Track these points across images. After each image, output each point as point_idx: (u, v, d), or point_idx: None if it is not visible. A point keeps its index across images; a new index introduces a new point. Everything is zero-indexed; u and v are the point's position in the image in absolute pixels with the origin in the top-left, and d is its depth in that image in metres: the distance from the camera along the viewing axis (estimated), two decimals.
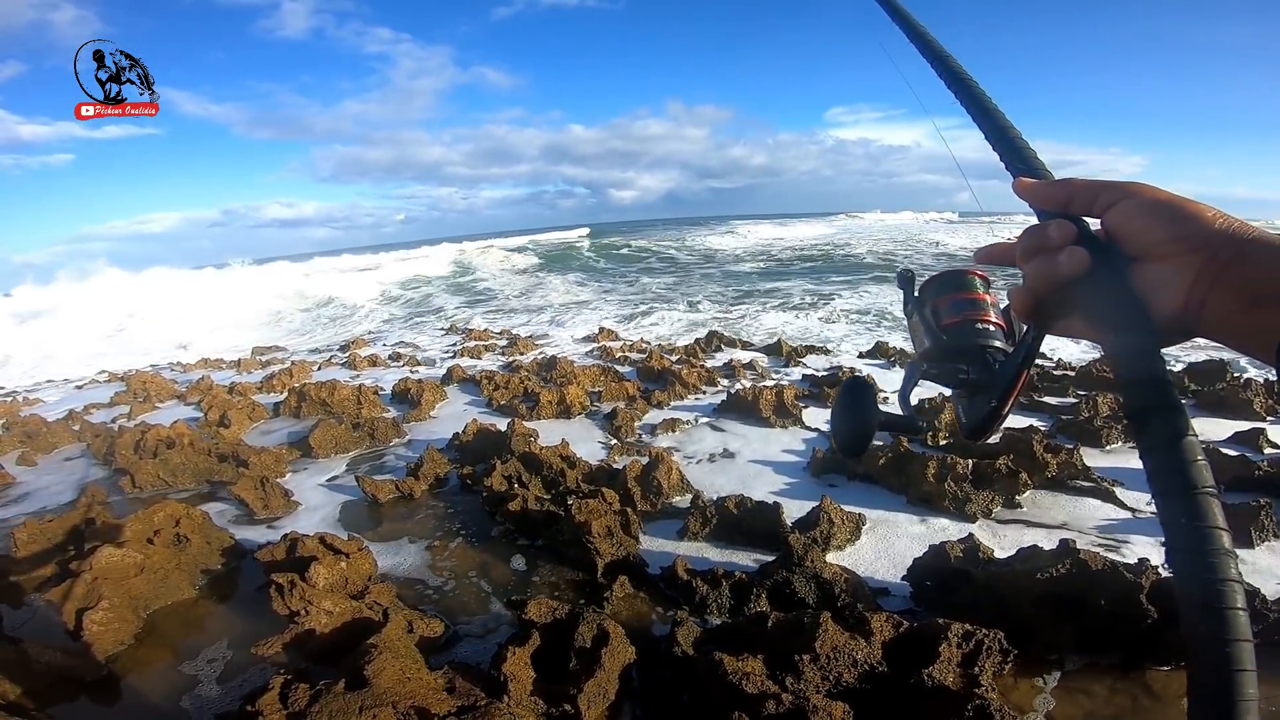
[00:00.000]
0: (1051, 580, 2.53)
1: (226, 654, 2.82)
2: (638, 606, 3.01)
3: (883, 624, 2.35)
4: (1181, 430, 0.57)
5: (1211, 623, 0.50)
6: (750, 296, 16.45)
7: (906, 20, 1.06)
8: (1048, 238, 0.68)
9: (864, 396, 0.81)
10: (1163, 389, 0.59)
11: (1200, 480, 0.54)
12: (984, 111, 0.87)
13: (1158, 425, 0.58)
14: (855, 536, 3.46)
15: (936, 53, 0.98)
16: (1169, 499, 0.55)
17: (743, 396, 5.77)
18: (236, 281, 21.15)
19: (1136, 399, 0.60)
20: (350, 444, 5.42)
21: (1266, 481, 3.75)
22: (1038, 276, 0.69)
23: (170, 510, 3.52)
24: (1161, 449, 0.57)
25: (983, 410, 0.76)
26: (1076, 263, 0.65)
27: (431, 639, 2.77)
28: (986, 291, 0.85)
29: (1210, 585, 0.51)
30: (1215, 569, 0.51)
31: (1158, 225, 0.63)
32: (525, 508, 3.75)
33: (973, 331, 0.82)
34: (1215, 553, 0.51)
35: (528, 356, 9.15)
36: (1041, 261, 0.68)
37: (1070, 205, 0.70)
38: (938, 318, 0.85)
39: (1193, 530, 0.52)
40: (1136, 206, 0.65)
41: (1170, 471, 0.56)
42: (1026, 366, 0.73)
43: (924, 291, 0.89)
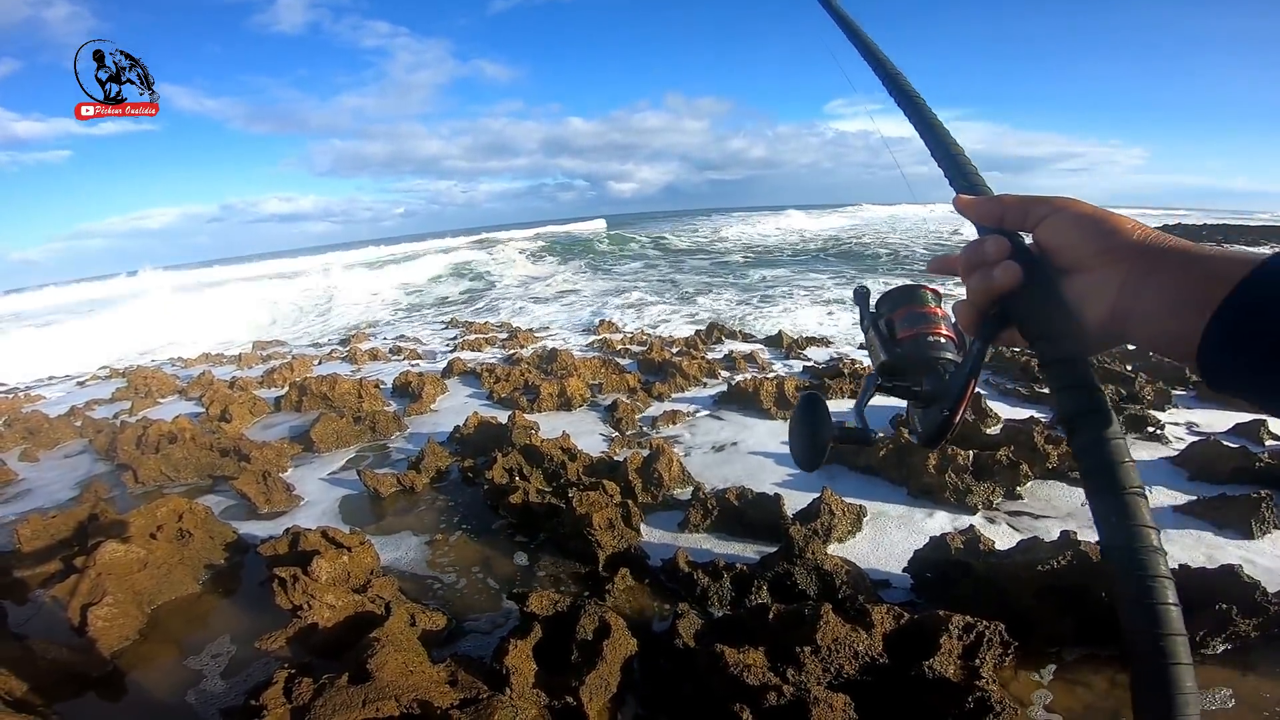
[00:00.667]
0: (1052, 572, 2.53)
1: (230, 648, 2.84)
2: (639, 599, 3.02)
3: (884, 616, 2.35)
4: (1110, 434, 0.59)
5: (1146, 618, 0.52)
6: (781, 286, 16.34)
7: (861, 40, 1.10)
8: (984, 253, 0.72)
9: (817, 412, 0.84)
10: (1092, 395, 0.62)
11: (1128, 481, 0.57)
12: (929, 128, 0.91)
13: (1087, 429, 0.60)
14: (856, 528, 3.47)
15: (887, 71, 1.02)
16: (1100, 498, 0.57)
17: (743, 388, 5.78)
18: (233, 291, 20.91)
19: (1068, 405, 0.63)
20: (352, 438, 5.43)
21: (1266, 473, 3.75)
22: (977, 290, 0.72)
23: (173, 505, 3.53)
24: (1091, 451, 0.59)
25: (936, 419, 0.79)
26: (1010, 276, 0.68)
27: (434, 632, 2.78)
28: (938, 305, 0.89)
29: (1142, 581, 0.53)
30: (1145, 566, 0.53)
31: (1083, 239, 0.66)
32: (526, 500, 3.76)
33: (925, 344, 0.85)
34: (1145, 550, 0.54)
35: (528, 349, 9.15)
36: (980, 276, 0.72)
37: (1004, 221, 0.74)
38: (892, 332, 0.88)
39: (1123, 528, 0.55)
40: (1063, 221, 0.68)
41: (1099, 472, 0.58)
42: (974, 376, 0.75)
43: (879, 306, 0.92)
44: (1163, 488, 3.85)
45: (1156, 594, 0.52)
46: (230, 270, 31.98)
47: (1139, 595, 0.52)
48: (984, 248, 0.72)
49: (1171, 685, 0.50)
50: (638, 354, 8.03)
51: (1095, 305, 0.64)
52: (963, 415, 0.78)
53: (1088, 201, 0.69)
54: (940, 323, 0.86)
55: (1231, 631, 2.38)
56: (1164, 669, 0.50)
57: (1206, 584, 2.49)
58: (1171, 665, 0.50)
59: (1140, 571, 0.53)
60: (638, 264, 24.25)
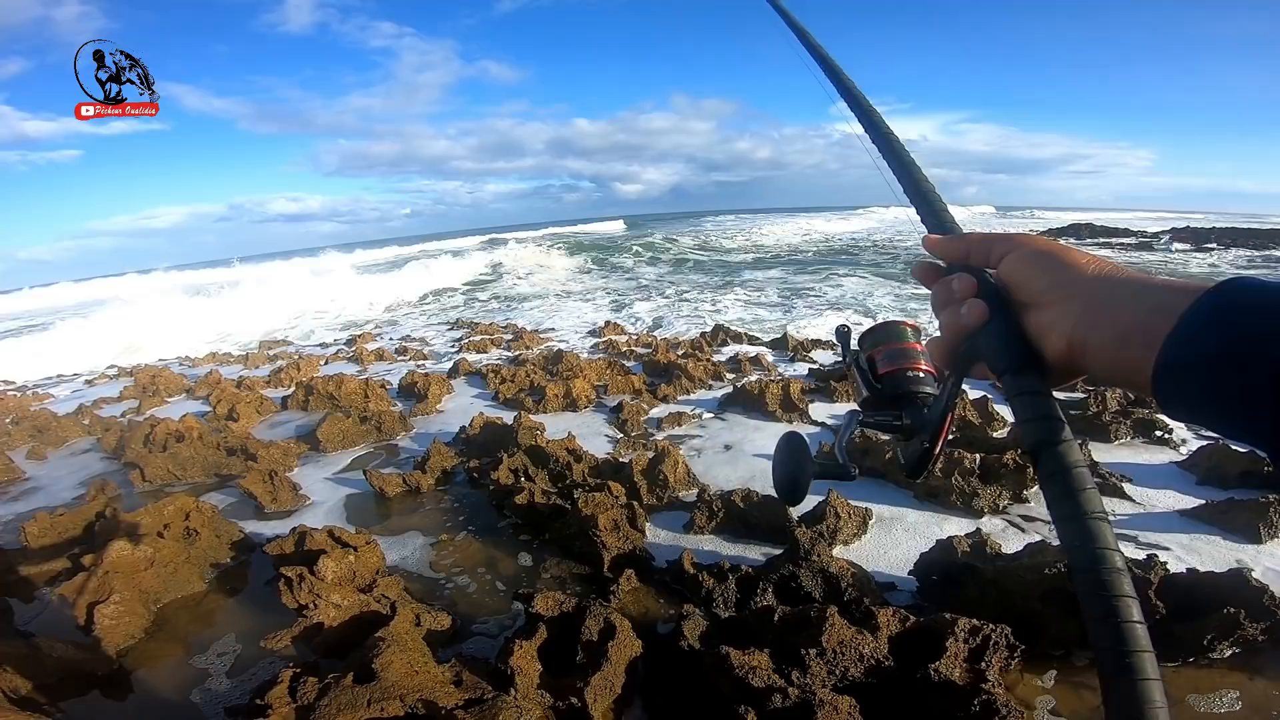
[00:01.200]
0: (1059, 575, 2.52)
1: (236, 647, 2.85)
2: (644, 600, 3.02)
3: (889, 618, 2.35)
4: (1072, 463, 0.61)
5: (1113, 636, 0.53)
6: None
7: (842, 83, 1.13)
8: (951, 291, 0.74)
9: (797, 450, 0.86)
10: (1054, 426, 0.64)
11: (1090, 506, 0.58)
12: (904, 169, 0.94)
13: (1051, 459, 0.62)
14: (862, 531, 3.46)
15: (864, 109, 1.05)
16: (1065, 524, 0.59)
17: (748, 390, 5.77)
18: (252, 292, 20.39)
19: (1032, 435, 0.64)
20: (358, 438, 5.44)
21: (1274, 478, 3.73)
22: (947, 327, 0.74)
23: (180, 504, 3.54)
24: (1056, 479, 0.61)
25: (917, 451, 0.81)
26: (975, 315, 0.71)
27: (439, 632, 2.78)
28: (917, 340, 0.91)
29: (1106, 601, 0.54)
30: (1109, 587, 0.54)
31: (1041, 274, 0.68)
32: (532, 501, 3.76)
33: (905, 380, 0.87)
34: (1108, 571, 0.55)
35: (534, 350, 9.16)
36: (949, 313, 0.74)
37: (970, 258, 0.77)
38: (874, 368, 0.90)
39: (1088, 552, 0.56)
40: (1021, 258, 0.70)
41: (1064, 499, 0.60)
42: (950, 410, 0.77)
43: (861, 344, 0.95)
44: (1171, 491, 3.83)
45: (1121, 613, 0.53)
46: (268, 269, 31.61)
47: (1105, 614, 0.54)
48: (951, 286, 0.75)
49: (1139, 701, 0.51)
50: (643, 356, 8.03)
51: (1053, 339, 0.65)
52: (943, 446, 0.80)
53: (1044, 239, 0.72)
54: (919, 358, 0.88)
55: (1239, 635, 2.36)
56: (1132, 684, 0.51)
57: (1214, 588, 2.48)
58: (1140, 681, 0.51)
59: (1104, 592, 0.54)
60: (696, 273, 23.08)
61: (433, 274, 23.98)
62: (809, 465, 0.84)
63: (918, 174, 0.92)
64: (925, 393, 0.85)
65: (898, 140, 0.98)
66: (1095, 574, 0.55)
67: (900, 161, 0.94)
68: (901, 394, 0.86)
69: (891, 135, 0.98)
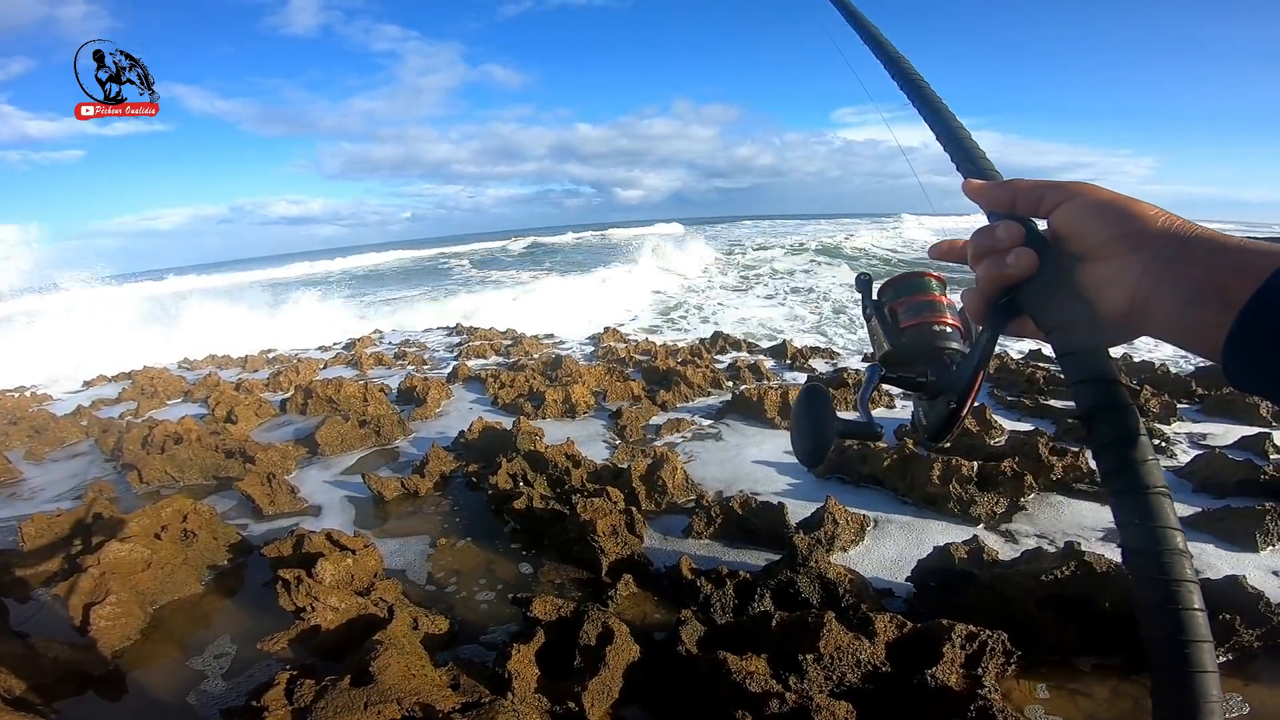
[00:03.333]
0: (1056, 582, 2.53)
1: (232, 649, 2.84)
2: (642, 605, 3.02)
3: (886, 624, 2.35)
4: (1131, 430, 0.57)
5: (1169, 624, 0.49)
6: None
7: (862, 24, 1.07)
8: (995, 239, 0.69)
9: (821, 405, 0.81)
10: (1111, 388, 0.59)
11: (1151, 480, 0.54)
12: (935, 112, 0.89)
13: (1106, 425, 0.58)
14: (860, 537, 3.46)
15: (890, 54, 0.99)
16: (1121, 499, 0.55)
17: (747, 397, 5.77)
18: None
19: (1085, 399, 0.60)
20: (356, 441, 5.44)
21: (1272, 486, 3.74)
22: (987, 278, 0.70)
23: (178, 505, 3.54)
24: (1112, 449, 0.57)
25: (942, 412, 0.76)
26: (1023, 264, 0.66)
27: (437, 636, 2.78)
28: (943, 293, 0.85)
29: (1165, 586, 0.50)
30: (1170, 569, 0.51)
31: (1102, 225, 0.63)
32: (530, 506, 3.76)
33: (930, 334, 0.82)
34: (1169, 553, 0.51)
35: (534, 355, 9.17)
36: (990, 263, 0.69)
37: (1016, 206, 0.72)
38: (895, 321, 0.85)
39: (1146, 530, 0.52)
40: (1081, 207, 0.66)
41: (1121, 471, 0.56)
42: (983, 367, 0.73)
43: (882, 295, 0.89)
44: None
45: (1181, 599, 0.50)
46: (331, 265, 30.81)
47: (1162, 600, 0.50)
48: (995, 233, 0.70)
49: (1195, 694, 0.47)
50: (642, 362, 8.03)
51: (1113, 294, 0.61)
52: (970, 408, 0.75)
53: (1105, 189, 0.66)
54: (946, 311, 0.83)
55: (1235, 642, 2.37)
56: (1187, 677, 0.48)
57: (1210, 594, 2.48)
58: (1196, 674, 0.48)
59: (1164, 576, 0.50)
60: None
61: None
62: (832, 424, 0.79)
63: (951, 120, 0.87)
64: (951, 349, 0.81)
65: (927, 85, 0.92)
66: (1153, 555, 0.51)
67: (932, 108, 0.89)
68: (925, 349, 0.82)
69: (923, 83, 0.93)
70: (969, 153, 0.82)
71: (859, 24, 1.08)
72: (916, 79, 0.94)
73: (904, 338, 0.83)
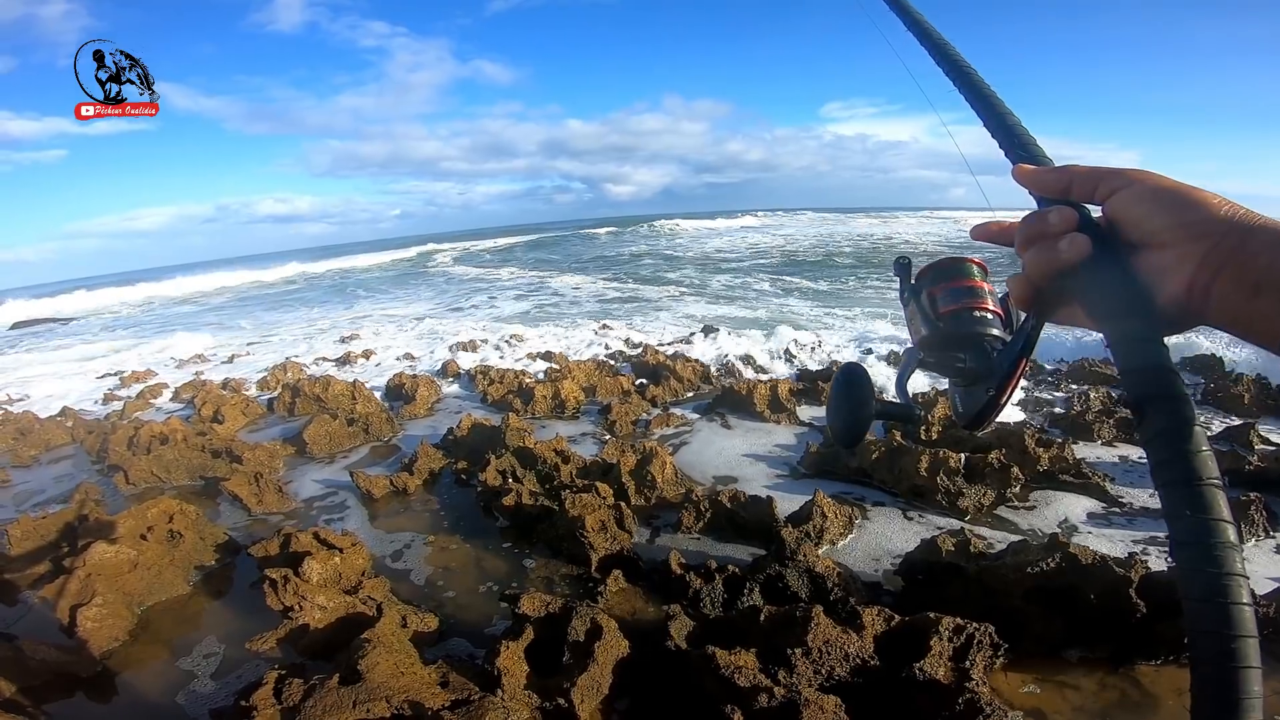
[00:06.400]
0: (1042, 574, 2.54)
1: (221, 649, 2.83)
2: (631, 600, 3.02)
3: (874, 618, 2.36)
4: (1185, 419, 0.55)
5: (1215, 618, 0.49)
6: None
7: (904, 7, 1.04)
8: (1048, 224, 0.67)
9: (860, 385, 0.79)
10: (1165, 377, 0.57)
11: (1204, 471, 0.53)
12: (983, 99, 0.86)
13: (1159, 415, 0.56)
14: (848, 530, 3.48)
15: (935, 40, 0.96)
16: (1171, 490, 0.53)
17: (737, 391, 5.77)
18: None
19: (1138, 388, 0.58)
20: (344, 439, 5.42)
21: (1256, 476, 3.77)
22: (1037, 264, 0.67)
23: (164, 506, 3.51)
24: (1163, 439, 0.55)
25: (980, 400, 0.75)
26: (1077, 250, 0.64)
27: (426, 633, 2.77)
28: (984, 279, 0.83)
29: (1213, 580, 0.49)
30: (1219, 562, 0.49)
31: (1161, 212, 0.61)
32: (519, 502, 3.76)
33: (970, 319, 0.80)
34: (1219, 546, 0.50)
35: (523, 349, 9.14)
36: (1041, 249, 0.67)
37: (1070, 192, 0.69)
38: (935, 305, 0.83)
39: (1196, 523, 0.51)
40: (1139, 193, 0.64)
41: (1172, 462, 0.54)
42: (1025, 355, 0.71)
43: (921, 279, 0.87)
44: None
45: (1231, 593, 0.48)
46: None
47: (1211, 593, 0.49)
48: (1048, 219, 0.67)
49: (1238, 689, 0.47)
50: (632, 357, 8.03)
51: (1171, 283, 0.59)
52: (1010, 396, 0.73)
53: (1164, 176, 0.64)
54: (986, 297, 0.81)
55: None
56: (1231, 672, 0.47)
57: None
58: (1240, 669, 0.47)
59: (1213, 568, 0.49)
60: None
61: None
62: (870, 404, 0.78)
63: (999, 105, 0.84)
64: (991, 335, 0.78)
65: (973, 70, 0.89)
66: (1203, 548, 0.50)
67: (979, 93, 0.86)
68: (965, 334, 0.79)
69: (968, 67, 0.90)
70: (1020, 138, 0.80)
71: (903, 10, 1.05)
72: (964, 66, 0.91)
73: (943, 323, 0.81)
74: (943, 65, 0.93)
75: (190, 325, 16.40)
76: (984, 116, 0.84)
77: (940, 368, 0.80)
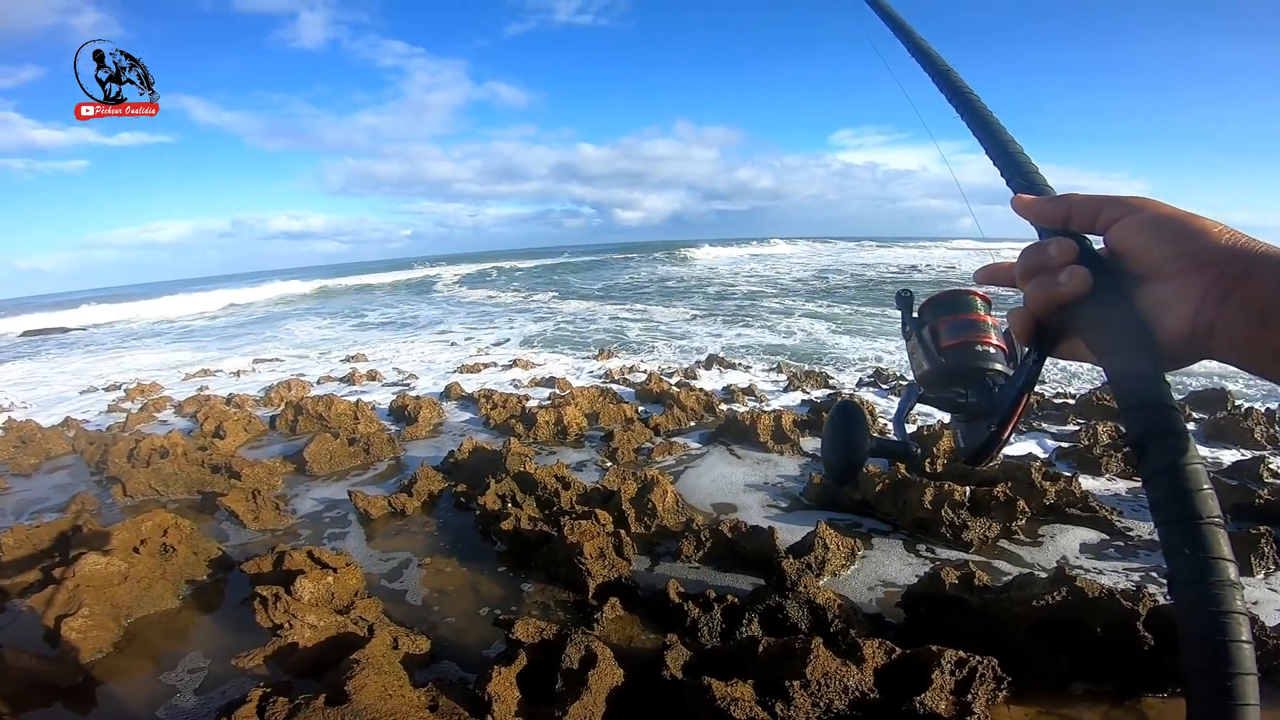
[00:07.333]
0: (1047, 607, 2.49)
1: (206, 665, 2.78)
2: (628, 629, 2.96)
3: (875, 650, 2.31)
4: (1185, 457, 0.54)
5: (1214, 656, 0.48)
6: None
7: (908, 34, 1.04)
8: (1047, 256, 0.65)
9: (855, 421, 0.78)
10: (1165, 414, 0.56)
11: (1204, 509, 0.51)
12: (984, 125, 0.85)
13: (1159, 452, 0.54)
14: (850, 562, 3.42)
15: (938, 67, 0.95)
16: (1170, 528, 0.52)
17: (740, 421, 5.74)
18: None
19: (1138, 425, 0.57)
20: (345, 459, 5.39)
21: (1266, 510, 3.74)
22: (1037, 297, 0.66)
23: (158, 519, 3.48)
24: (1163, 476, 0.54)
25: (982, 435, 0.74)
26: (1077, 282, 0.62)
27: (417, 656, 2.72)
28: (987, 313, 0.82)
29: (1213, 618, 0.48)
30: (1218, 601, 0.48)
31: (1162, 242, 0.60)
32: (518, 527, 3.71)
33: (972, 354, 0.79)
34: (1219, 584, 0.49)
35: (527, 375, 9.13)
36: (1041, 282, 0.65)
37: (1070, 222, 0.67)
38: (936, 339, 0.82)
39: (1195, 560, 0.50)
40: (1140, 223, 0.62)
41: (1172, 499, 0.53)
42: (1027, 390, 0.70)
43: (923, 312, 0.86)
44: None
45: (1230, 630, 0.48)
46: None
47: (1210, 632, 0.48)
48: (1047, 250, 0.65)
49: None
50: (636, 384, 8.01)
51: (1174, 316, 0.58)
52: (1012, 432, 0.72)
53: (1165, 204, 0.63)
54: (989, 331, 0.80)
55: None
56: (1230, 710, 0.46)
57: None
58: (1239, 706, 0.46)
59: (1212, 606, 0.48)
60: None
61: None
62: (865, 441, 0.76)
63: (1001, 132, 0.83)
64: (994, 370, 0.77)
65: (977, 98, 0.88)
66: (1202, 586, 0.49)
67: (981, 120, 0.85)
68: (967, 370, 0.78)
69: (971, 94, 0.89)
70: (1021, 167, 0.79)
71: (907, 37, 1.04)
72: (967, 92, 0.90)
73: (945, 357, 0.81)
74: (945, 91, 0.93)
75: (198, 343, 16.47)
76: (985, 144, 0.84)
77: (941, 403, 0.79)
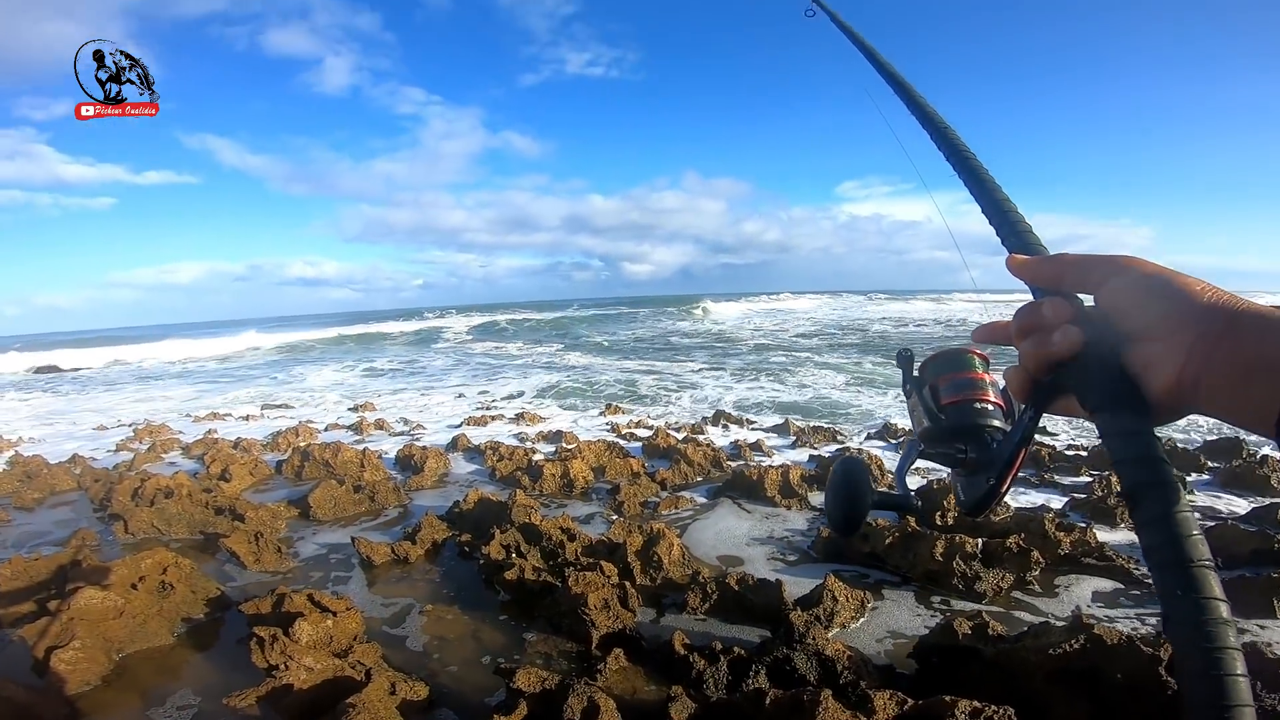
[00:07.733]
0: (1065, 655, 2.42)
1: (197, 702, 2.72)
2: (632, 680, 2.88)
3: (886, 701, 2.23)
4: (1175, 506, 0.56)
5: (1212, 689, 0.48)
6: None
7: (908, 92, 1.09)
8: (1041, 316, 0.67)
9: (858, 476, 0.81)
10: (1156, 466, 0.58)
11: (1195, 554, 0.53)
12: (981, 185, 0.88)
13: (1151, 502, 0.57)
14: (860, 614, 3.34)
15: (936, 125, 1.00)
16: (1164, 571, 0.54)
17: (748, 476, 5.69)
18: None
19: (1130, 477, 0.59)
20: (350, 505, 5.35)
21: None
22: (1032, 356, 0.68)
23: (159, 557, 3.46)
24: (1156, 525, 0.56)
25: (981, 488, 0.75)
26: (1069, 342, 0.64)
27: (415, 702, 2.65)
28: (985, 371, 0.85)
29: (1209, 653, 0.49)
30: (1213, 637, 0.50)
31: (1148, 302, 0.62)
32: (522, 577, 3.66)
33: (971, 411, 0.81)
34: (1212, 621, 0.50)
35: (534, 429, 9.11)
36: (1035, 341, 0.67)
37: (1063, 282, 0.70)
38: (936, 397, 0.84)
39: (1188, 602, 0.51)
40: (1127, 283, 0.64)
41: (1164, 546, 0.54)
42: (1024, 446, 0.72)
43: (923, 371, 0.89)
44: None
45: (1224, 665, 0.48)
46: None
47: (1205, 667, 0.49)
48: (1041, 311, 0.68)
49: None
50: (643, 439, 7.97)
51: (1162, 373, 0.59)
52: (1010, 486, 0.74)
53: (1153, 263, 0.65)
54: (987, 389, 0.82)
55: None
56: None
57: None
58: None
59: (1206, 643, 0.49)
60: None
61: None
62: (867, 495, 0.79)
63: (997, 192, 0.86)
64: (992, 426, 0.79)
65: (973, 155, 0.92)
66: (1196, 625, 0.50)
67: (978, 179, 0.89)
68: (966, 426, 0.80)
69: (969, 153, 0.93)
70: (1015, 226, 0.81)
71: (907, 95, 1.08)
72: (964, 151, 0.94)
73: (944, 414, 0.83)
74: (943, 149, 0.97)
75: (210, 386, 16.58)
76: (981, 203, 0.87)
77: (942, 458, 0.82)
